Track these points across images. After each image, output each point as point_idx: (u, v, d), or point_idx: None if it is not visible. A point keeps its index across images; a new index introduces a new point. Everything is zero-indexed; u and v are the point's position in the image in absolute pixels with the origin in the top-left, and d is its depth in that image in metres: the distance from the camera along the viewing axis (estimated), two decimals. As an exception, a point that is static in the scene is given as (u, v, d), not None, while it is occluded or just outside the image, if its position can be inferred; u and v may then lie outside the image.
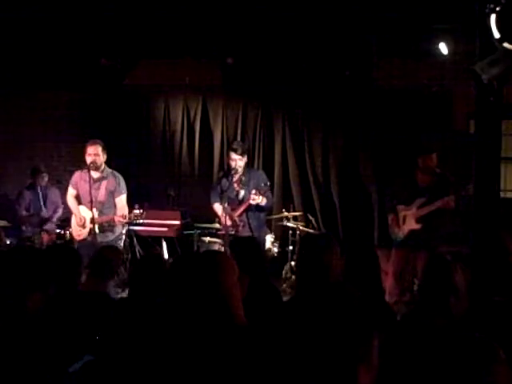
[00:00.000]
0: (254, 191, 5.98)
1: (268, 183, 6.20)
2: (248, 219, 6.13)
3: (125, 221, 6.06)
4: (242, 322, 2.02)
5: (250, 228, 6.12)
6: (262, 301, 3.17)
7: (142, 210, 6.01)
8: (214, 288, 2.03)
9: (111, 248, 4.40)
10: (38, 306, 2.82)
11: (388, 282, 5.75)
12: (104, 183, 6.12)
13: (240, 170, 6.19)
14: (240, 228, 6.10)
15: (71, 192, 6.31)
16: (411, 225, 5.86)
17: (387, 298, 5.41)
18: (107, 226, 6.10)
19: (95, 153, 6.01)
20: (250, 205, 6.04)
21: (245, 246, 3.72)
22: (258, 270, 3.54)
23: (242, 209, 6.10)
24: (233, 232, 6.13)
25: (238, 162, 6.16)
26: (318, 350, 1.52)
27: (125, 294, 4.95)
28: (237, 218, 6.10)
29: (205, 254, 2.57)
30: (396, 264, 5.93)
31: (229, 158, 6.34)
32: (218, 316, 1.99)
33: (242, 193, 6.20)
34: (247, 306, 2.18)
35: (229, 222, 6.06)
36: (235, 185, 6.23)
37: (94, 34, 7.08)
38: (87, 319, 3.16)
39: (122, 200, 6.16)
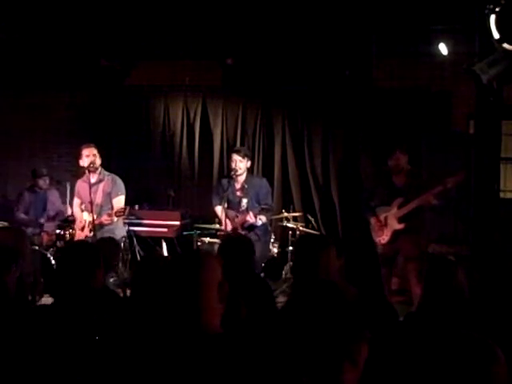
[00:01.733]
0: (251, 213, 6.07)
1: (268, 199, 6.31)
2: (254, 227, 6.17)
3: (110, 219, 6.04)
4: (212, 331, 1.92)
5: (256, 235, 6.14)
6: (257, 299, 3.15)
7: (125, 207, 6.00)
8: (188, 291, 1.93)
9: (106, 240, 4.23)
10: (14, 282, 2.81)
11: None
12: (101, 186, 6.18)
13: (240, 172, 6.20)
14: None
15: (76, 202, 6.40)
16: (394, 225, 5.78)
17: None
18: (106, 228, 6.09)
19: (93, 153, 6.13)
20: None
21: (236, 247, 3.57)
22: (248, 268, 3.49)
23: (243, 220, 6.16)
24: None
25: (239, 163, 6.18)
26: (305, 346, 1.52)
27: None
28: (239, 226, 6.15)
29: (186, 256, 2.30)
30: None
31: (230, 159, 6.45)
32: (186, 323, 1.91)
33: (245, 201, 6.22)
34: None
35: (230, 227, 6.08)
36: (238, 192, 6.27)
37: (93, 34, 7.08)
38: (88, 314, 3.12)
39: (119, 201, 6.17)
